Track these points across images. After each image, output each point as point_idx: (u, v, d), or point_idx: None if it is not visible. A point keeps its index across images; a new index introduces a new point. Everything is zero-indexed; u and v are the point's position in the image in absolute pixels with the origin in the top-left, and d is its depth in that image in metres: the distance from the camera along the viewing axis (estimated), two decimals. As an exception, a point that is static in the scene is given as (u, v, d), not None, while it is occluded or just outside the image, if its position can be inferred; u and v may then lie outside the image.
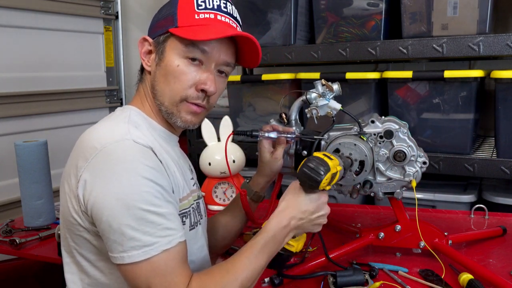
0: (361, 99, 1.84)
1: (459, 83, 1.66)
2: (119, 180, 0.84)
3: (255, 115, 2.05)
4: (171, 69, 0.97)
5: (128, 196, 0.84)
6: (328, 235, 1.43)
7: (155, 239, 0.85)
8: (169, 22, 0.98)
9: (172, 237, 0.87)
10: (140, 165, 0.86)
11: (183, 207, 1.00)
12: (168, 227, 0.86)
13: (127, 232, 0.84)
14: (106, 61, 2.60)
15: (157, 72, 0.99)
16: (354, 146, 1.14)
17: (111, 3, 2.59)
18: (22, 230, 1.57)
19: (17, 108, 2.13)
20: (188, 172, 1.10)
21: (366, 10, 1.80)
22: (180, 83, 0.97)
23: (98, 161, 0.87)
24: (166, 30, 0.97)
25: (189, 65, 0.97)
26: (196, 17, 0.97)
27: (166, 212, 0.87)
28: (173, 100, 0.98)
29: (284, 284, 1.14)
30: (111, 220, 0.84)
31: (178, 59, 0.97)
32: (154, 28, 1.02)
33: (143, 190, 0.85)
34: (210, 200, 1.80)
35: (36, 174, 1.56)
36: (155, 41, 1.00)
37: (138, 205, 0.84)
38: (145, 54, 1.02)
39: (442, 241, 1.23)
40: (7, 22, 2.07)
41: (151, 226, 0.84)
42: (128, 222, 0.84)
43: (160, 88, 0.99)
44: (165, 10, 1.01)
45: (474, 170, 1.65)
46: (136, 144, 0.89)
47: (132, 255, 0.84)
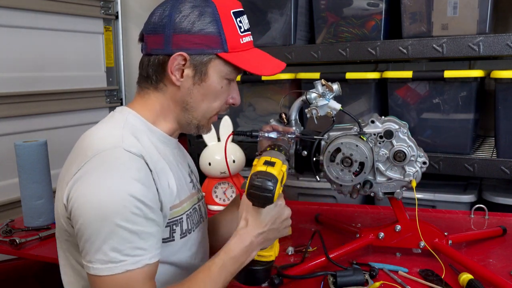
0: (361, 99, 1.84)
1: (459, 83, 1.66)
2: (100, 190, 0.84)
3: (255, 115, 2.05)
4: (214, 90, 0.99)
5: (105, 208, 0.83)
6: (328, 235, 1.43)
7: (122, 257, 0.83)
8: (215, 43, 0.95)
9: (141, 257, 0.85)
10: (124, 178, 0.85)
11: (174, 214, 0.98)
12: (139, 246, 0.85)
13: (96, 243, 0.83)
14: (106, 61, 2.60)
15: (194, 90, 0.99)
16: (355, 147, 1.14)
17: (111, 3, 2.59)
18: (22, 230, 1.57)
19: (17, 108, 2.12)
20: (187, 176, 1.09)
21: (366, 10, 1.80)
22: (220, 102, 1.02)
23: (88, 168, 0.87)
24: (213, 52, 0.96)
25: (228, 84, 1.02)
26: (241, 41, 0.99)
27: (140, 231, 0.85)
28: (209, 115, 1.03)
29: (284, 284, 1.14)
30: (84, 228, 0.84)
31: (222, 81, 0.99)
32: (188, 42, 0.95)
33: (121, 204, 0.83)
34: (210, 200, 1.80)
35: (36, 174, 1.56)
36: (195, 59, 0.96)
37: (112, 219, 0.83)
38: (176, 69, 0.97)
39: (442, 241, 1.23)
40: (7, 22, 2.07)
41: (120, 243, 0.83)
42: (99, 234, 0.83)
43: (196, 105, 1.00)
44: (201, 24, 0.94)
45: (474, 170, 1.65)
46: (126, 152, 0.88)
47: (96, 268, 0.84)
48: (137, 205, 0.85)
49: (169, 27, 0.95)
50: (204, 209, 1.16)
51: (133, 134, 0.94)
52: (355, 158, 1.15)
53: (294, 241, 1.44)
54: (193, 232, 1.06)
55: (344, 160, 1.16)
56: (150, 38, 0.98)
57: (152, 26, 0.98)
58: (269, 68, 1.03)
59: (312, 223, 1.61)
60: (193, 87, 0.99)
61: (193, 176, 1.15)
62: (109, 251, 0.83)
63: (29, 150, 1.55)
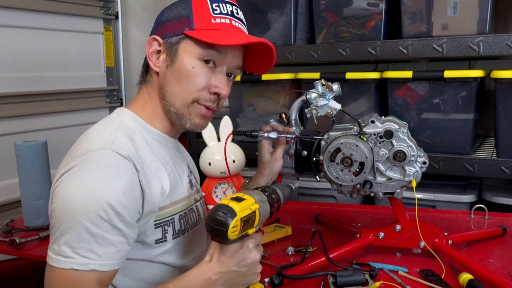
0: (361, 99, 1.84)
1: (459, 83, 1.66)
2: (77, 187, 0.84)
3: (255, 115, 2.06)
4: (185, 71, 0.97)
5: (74, 202, 0.83)
6: (328, 235, 1.43)
7: (72, 254, 0.82)
8: (184, 24, 0.97)
9: (90, 261, 0.82)
10: (104, 181, 0.84)
11: (165, 215, 0.97)
12: (93, 249, 0.83)
13: (55, 234, 0.84)
14: (106, 61, 2.60)
15: (168, 73, 0.98)
16: (356, 147, 1.14)
17: (111, 3, 2.59)
18: (22, 230, 1.57)
19: (17, 108, 2.13)
20: (185, 177, 1.09)
21: (366, 10, 1.80)
22: (194, 85, 0.97)
23: (72, 167, 0.87)
24: (181, 31, 0.97)
25: (204, 67, 0.97)
26: (213, 21, 0.97)
27: (100, 235, 0.83)
28: (185, 101, 0.98)
29: (284, 284, 1.14)
30: (52, 218, 0.86)
31: (193, 60, 0.97)
32: (164, 28, 1.00)
33: (90, 203, 0.83)
34: (210, 200, 1.80)
35: (36, 174, 1.56)
36: (166, 41, 0.99)
37: (76, 214, 0.82)
38: (152, 54, 1.00)
39: (442, 241, 1.23)
40: (7, 22, 2.07)
41: (75, 239, 0.82)
42: (60, 225, 0.83)
43: (171, 90, 0.98)
44: (177, 11, 0.99)
45: (474, 170, 1.66)
46: (113, 153, 0.87)
47: (49, 256, 0.84)
48: (106, 209, 0.83)
49: (156, 23, 1.02)
50: (203, 210, 1.15)
51: (127, 135, 0.94)
52: (355, 158, 1.15)
53: (294, 241, 1.44)
54: (187, 233, 1.05)
55: (344, 160, 1.16)
56: (149, 39, 1.02)
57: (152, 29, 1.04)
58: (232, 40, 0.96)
59: (312, 223, 1.61)
60: (167, 70, 0.99)
61: (192, 177, 1.15)
62: (62, 244, 0.83)
63: (29, 150, 1.55)
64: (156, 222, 0.96)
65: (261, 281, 1.15)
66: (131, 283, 0.97)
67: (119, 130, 0.94)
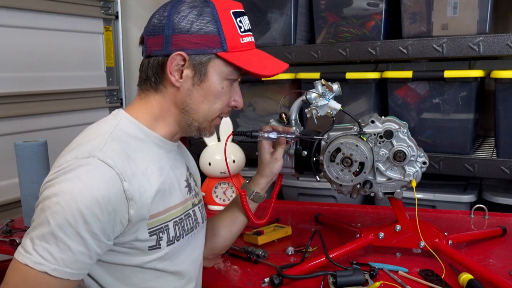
0: (361, 99, 1.85)
1: (459, 83, 1.66)
2: (57, 190, 0.84)
3: (255, 115, 2.06)
4: (214, 91, 0.98)
5: (49, 204, 0.83)
6: (328, 235, 1.43)
7: (31, 250, 0.82)
8: (215, 43, 0.94)
9: (44, 261, 0.81)
10: (82, 188, 0.83)
11: (158, 222, 0.96)
12: (50, 251, 0.82)
13: (27, 232, 0.85)
14: (106, 61, 2.60)
15: (194, 91, 0.97)
16: (356, 147, 1.14)
17: (111, 3, 2.58)
18: (22, 230, 1.57)
19: (17, 108, 2.13)
20: (182, 181, 1.07)
21: (366, 10, 1.81)
22: (221, 103, 1.00)
23: (58, 174, 0.87)
24: (212, 51, 0.95)
25: (230, 86, 1.00)
26: (241, 41, 0.97)
27: (62, 239, 0.82)
28: (210, 118, 1.01)
29: (284, 284, 1.14)
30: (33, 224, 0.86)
31: (222, 81, 0.98)
32: (187, 42, 0.94)
33: (62, 206, 0.82)
34: (210, 200, 1.80)
35: (36, 174, 1.55)
36: (194, 59, 0.95)
37: (47, 214, 0.82)
38: (175, 69, 0.96)
39: (442, 241, 1.23)
40: (7, 22, 2.07)
41: (38, 237, 0.82)
42: (33, 220, 0.85)
43: (196, 107, 0.99)
44: (201, 24, 0.94)
45: (474, 170, 1.66)
46: (99, 162, 0.86)
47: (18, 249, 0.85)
48: (76, 215, 0.82)
49: (168, 28, 0.95)
50: (201, 215, 1.13)
51: (119, 140, 0.93)
52: (355, 158, 1.15)
53: (294, 241, 1.44)
54: (183, 239, 1.03)
55: (344, 160, 1.16)
56: (150, 40, 0.98)
57: (152, 28, 0.98)
58: (270, 68, 1.01)
59: (312, 223, 1.61)
60: (193, 88, 0.97)
61: (191, 180, 1.13)
62: (28, 238, 0.84)
63: (29, 150, 1.55)
64: (150, 229, 0.94)
65: (261, 280, 1.16)
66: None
67: (111, 134, 0.93)
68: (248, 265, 1.27)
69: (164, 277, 1.00)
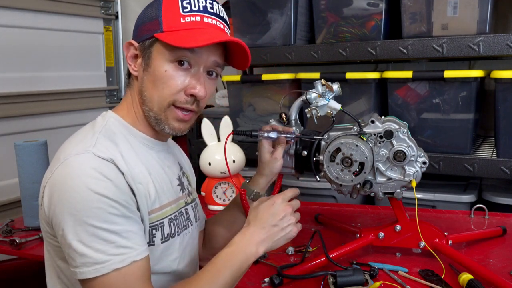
0: (361, 99, 1.84)
1: (459, 83, 1.66)
2: (72, 196, 0.84)
3: (255, 115, 2.05)
4: (159, 75, 0.95)
5: (80, 212, 0.83)
6: (328, 235, 1.43)
7: (107, 257, 0.83)
8: (155, 26, 0.95)
9: (126, 255, 0.85)
10: (94, 180, 0.85)
11: (154, 219, 0.97)
12: (122, 245, 0.85)
13: (78, 248, 0.83)
14: (106, 61, 2.61)
15: (144, 77, 0.97)
16: (356, 147, 1.14)
17: (111, 3, 2.59)
18: (22, 230, 1.57)
19: (17, 108, 2.13)
20: (174, 179, 1.08)
21: (366, 10, 1.80)
22: (169, 88, 0.95)
23: (58, 174, 0.87)
24: (151, 35, 0.95)
25: (177, 69, 0.95)
26: (182, 20, 0.94)
27: (121, 230, 0.85)
28: (161, 105, 0.96)
29: (284, 284, 1.14)
30: (65, 235, 0.84)
31: (165, 64, 0.95)
32: (139, 31, 0.99)
33: (95, 206, 0.83)
34: (210, 200, 1.80)
35: (36, 174, 1.56)
36: (141, 45, 0.97)
37: (90, 222, 0.83)
38: (131, 59, 0.99)
39: (442, 241, 1.23)
40: (7, 22, 2.07)
41: (103, 244, 0.83)
42: (80, 238, 0.83)
43: (148, 94, 0.97)
44: (149, 12, 0.97)
45: (474, 170, 1.65)
46: (95, 157, 0.87)
47: (83, 272, 0.84)
48: (113, 204, 0.85)
49: (137, 23, 1.00)
50: (194, 213, 1.13)
51: (110, 139, 0.94)
52: (355, 158, 1.15)
53: (294, 241, 1.43)
54: (177, 236, 1.04)
55: (344, 160, 1.16)
56: (126, 44, 1.02)
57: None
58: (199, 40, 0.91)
59: (312, 223, 1.61)
60: (143, 75, 0.98)
61: (185, 179, 1.13)
62: (93, 253, 0.83)
63: (29, 150, 1.55)
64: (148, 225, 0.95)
65: (261, 280, 1.16)
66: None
67: (101, 133, 0.94)
68: (248, 265, 1.27)
69: (163, 278, 1.00)
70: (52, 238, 0.93)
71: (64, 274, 0.95)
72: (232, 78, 2.03)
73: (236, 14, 2.02)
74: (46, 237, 0.96)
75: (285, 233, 1.00)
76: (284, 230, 1.00)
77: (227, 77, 2.05)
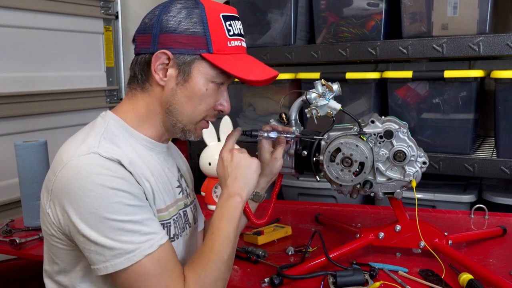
0: (361, 99, 1.84)
1: (459, 83, 1.66)
2: (87, 195, 0.84)
3: (255, 115, 2.06)
4: (198, 92, 0.97)
5: (99, 209, 0.84)
6: (328, 235, 1.43)
7: (136, 246, 0.85)
8: (201, 44, 0.94)
9: (153, 240, 0.87)
10: (105, 176, 0.85)
11: (161, 218, 0.98)
12: (147, 232, 0.87)
13: (106, 243, 0.84)
14: (106, 61, 2.61)
15: (178, 91, 0.97)
16: (356, 147, 1.14)
17: (111, 3, 2.59)
18: (22, 230, 1.57)
19: (17, 108, 2.13)
20: (174, 181, 1.08)
21: (366, 10, 1.80)
22: (205, 105, 1.00)
23: (64, 176, 0.87)
24: (197, 52, 0.95)
25: (216, 88, 1.00)
26: (229, 44, 0.97)
27: (142, 218, 0.88)
28: (195, 120, 1.00)
29: (284, 284, 1.14)
30: (89, 234, 0.85)
31: (207, 83, 0.97)
32: (174, 42, 0.95)
33: (113, 201, 0.85)
34: (210, 200, 1.80)
35: (36, 174, 1.56)
36: (178, 58, 0.95)
37: (112, 217, 0.84)
38: (160, 67, 0.96)
39: (442, 241, 1.23)
40: (7, 22, 2.07)
41: (129, 235, 0.85)
42: (106, 234, 0.84)
43: (180, 108, 0.98)
44: (189, 24, 0.94)
45: (474, 170, 1.65)
46: (100, 157, 0.87)
47: (115, 264, 0.85)
48: (128, 196, 0.87)
49: (157, 27, 0.96)
50: (192, 216, 1.14)
51: (112, 141, 0.93)
52: (355, 158, 1.15)
53: (294, 241, 1.44)
54: (180, 237, 1.04)
55: (344, 160, 1.16)
56: (139, 38, 1.00)
57: (142, 27, 0.99)
58: (256, 74, 0.99)
59: (312, 223, 1.61)
60: (177, 88, 0.97)
61: (183, 181, 1.13)
62: (122, 245, 0.85)
63: (29, 150, 1.55)
64: None
65: (261, 280, 1.16)
66: None
67: (103, 135, 0.93)
68: (248, 265, 1.27)
69: None
70: (59, 241, 0.93)
71: (66, 277, 0.95)
72: (232, 78, 2.03)
73: (236, 14, 2.02)
74: (50, 241, 0.95)
75: (249, 168, 1.04)
76: (245, 166, 1.04)
77: (227, 77, 2.05)
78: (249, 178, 1.04)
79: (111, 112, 1.02)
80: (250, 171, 1.04)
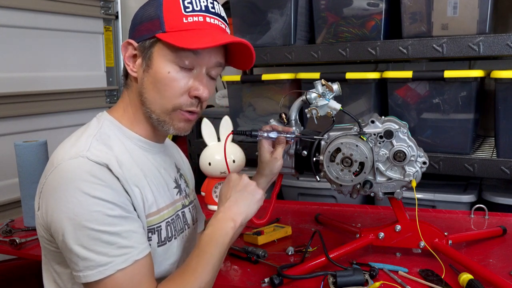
0: (361, 99, 1.84)
1: (459, 83, 1.66)
2: (69, 200, 0.83)
3: (255, 115, 2.05)
4: (161, 76, 0.93)
5: (78, 217, 0.83)
6: (328, 235, 1.43)
7: (110, 259, 0.83)
8: (156, 26, 0.93)
9: (128, 255, 0.85)
10: (89, 184, 0.84)
11: (151, 222, 0.96)
12: (124, 245, 0.85)
13: (80, 252, 0.83)
14: (106, 61, 2.61)
15: (144, 79, 0.95)
16: (356, 147, 1.14)
17: (111, 3, 2.59)
18: (22, 230, 1.57)
19: (17, 108, 2.13)
20: (171, 182, 1.07)
21: (366, 10, 1.80)
22: (172, 91, 0.94)
23: (52, 179, 0.87)
24: (152, 34, 0.93)
25: (180, 71, 0.94)
26: (185, 20, 0.92)
27: (121, 230, 0.85)
28: (165, 108, 0.95)
29: (284, 284, 1.14)
30: (66, 240, 0.84)
31: (168, 65, 0.93)
32: (138, 30, 0.96)
33: (93, 209, 0.83)
34: (210, 200, 1.80)
35: (36, 174, 1.56)
36: (141, 45, 0.95)
37: (89, 226, 0.83)
38: (129, 59, 0.97)
39: (442, 241, 1.23)
40: (7, 22, 2.07)
41: (104, 246, 0.83)
42: (81, 243, 0.83)
43: (149, 96, 0.95)
44: (149, 11, 0.95)
45: (474, 170, 1.65)
46: (89, 161, 0.86)
47: (87, 275, 0.84)
48: (110, 206, 0.85)
49: (133, 23, 0.99)
50: (191, 216, 1.13)
51: (104, 143, 0.93)
52: (355, 158, 1.15)
53: (294, 241, 1.44)
54: (174, 240, 1.03)
55: (344, 160, 1.16)
56: (124, 43, 1.00)
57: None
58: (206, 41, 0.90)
59: (312, 223, 1.61)
60: (144, 76, 0.95)
61: (182, 181, 1.12)
62: (95, 256, 0.83)
63: (29, 150, 1.55)
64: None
65: (261, 280, 1.16)
66: None
67: (95, 137, 0.93)
68: (248, 265, 1.27)
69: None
70: (49, 244, 0.93)
71: (60, 278, 0.95)
72: (232, 78, 2.03)
73: (236, 14, 2.02)
74: (42, 242, 0.96)
75: (252, 195, 1.02)
76: (250, 193, 1.02)
77: (227, 77, 2.05)
78: (250, 206, 1.01)
79: (106, 113, 1.02)
80: (254, 199, 1.02)
